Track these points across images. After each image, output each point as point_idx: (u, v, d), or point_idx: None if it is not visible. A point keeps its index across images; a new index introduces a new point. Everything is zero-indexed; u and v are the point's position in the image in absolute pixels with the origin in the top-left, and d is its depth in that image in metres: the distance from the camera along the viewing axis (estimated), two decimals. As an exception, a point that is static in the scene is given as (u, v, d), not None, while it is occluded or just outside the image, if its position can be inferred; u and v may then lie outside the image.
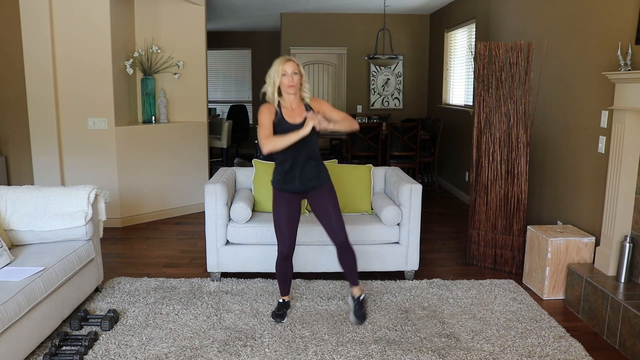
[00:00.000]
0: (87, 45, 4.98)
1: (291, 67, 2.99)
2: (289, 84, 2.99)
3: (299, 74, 3.01)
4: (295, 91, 3.04)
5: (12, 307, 2.50)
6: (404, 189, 3.80)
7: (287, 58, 3.03)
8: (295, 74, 2.99)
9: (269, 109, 3.09)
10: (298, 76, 3.01)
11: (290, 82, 2.99)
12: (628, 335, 2.90)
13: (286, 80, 2.99)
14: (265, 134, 3.02)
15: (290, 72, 2.98)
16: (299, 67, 3.02)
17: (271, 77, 3.03)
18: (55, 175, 5.06)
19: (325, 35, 8.48)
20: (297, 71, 3.00)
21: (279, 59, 3.04)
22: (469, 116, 6.08)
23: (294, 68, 2.99)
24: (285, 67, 2.98)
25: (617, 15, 3.43)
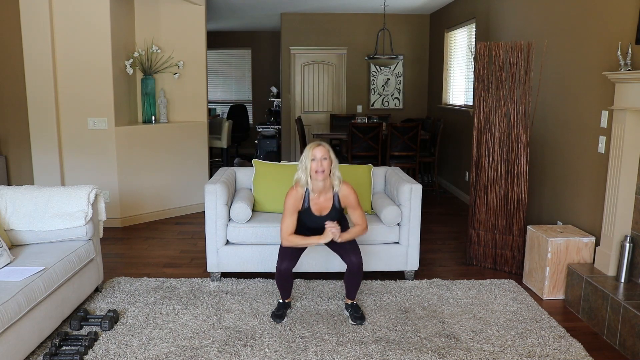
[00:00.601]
0: (87, 45, 4.98)
1: (321, 152, 3.00)
2: (317, 169, 3.00)
3: (328, 159, 3.02)
4: (324, 177, 3.04)
5: (12, 307, 2.50)
6: (404, 189, 3.80)
7: (317, 143, 3.06)
8: (324, 159, 3.00)
9: (296, 196, 3.13)
10: (327, 161, 3.02)
11: (319, 167, 3.00)
12: (628, 335, 2.90)
13: (314, 165, 3.00)
14: (286, 230, 3.13)
15: (319, 157, 3.00)
16: (329, 152, 3.03)
17: (303, 162, 3.05)
18: (55, 175, 5.06)
19: (325, 35, 8.48)
20: (326, 156, 3.01)
21: (309, 144, 3.08)
22: (469, 116, 6.08)
23: (324, 153, 3.01)
24: (314, 151, 3.01)
25: (617, 15, 3.43)
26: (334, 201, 3.16)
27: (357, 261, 3.15)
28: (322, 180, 3.06)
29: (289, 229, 3.14)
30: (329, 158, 3.03)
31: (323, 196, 3.15)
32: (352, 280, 3.23)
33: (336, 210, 3.18)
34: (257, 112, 11.17)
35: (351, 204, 3.18)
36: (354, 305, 3.29)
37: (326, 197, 3.15)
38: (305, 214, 3.16)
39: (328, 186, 3.13)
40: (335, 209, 3.17)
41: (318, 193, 3.13)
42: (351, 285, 3.27)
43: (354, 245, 3.20)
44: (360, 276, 3.22)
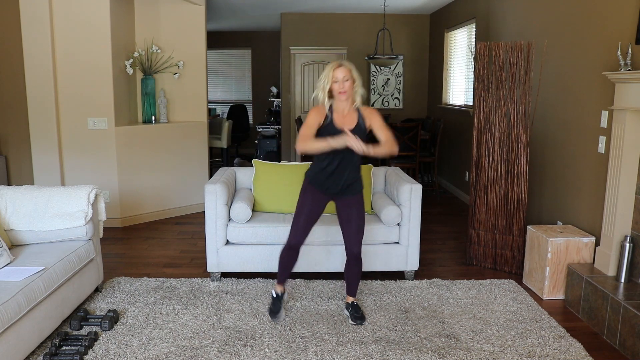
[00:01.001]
0: (87, 45, 4.98)
1: (342, 72, 2.93)
2: (340, 91, 2.93)
3: (350, 79, 2.94)
4: (347, 97, 2.97)
5: (12, 307, 2.50)
6: (404, 189, 3.80)
7: (339, 63, 2.97)
8: (346, 80, 2.93)
9: (319, 111, 3.03)
10: (350, 82, 2.94)
11: (342, 88, 2.93)
12: (628, 335, 2.90)
13: (337, 86, 2.93)
14: (304, 133, 2.98)
15: (341, 78, 2.92)
16: (350, 72, 2.96)
17: (321, 82, 2.98)
18: (55, 175, 5.06)
19: (325, 35, 8.48)
20: (348, 77, 2.93)
21: (330, 64, 2.99)
22: (469, 116, 6.08)
23: (346, 74, 2.93)
24: (336, 73, 2.93)
25: (617, 15, 3.43)
26: (358, 120, 3.02)
27: (357, 251, 3.13)
28: (345, 100, 2.98)
29: (308, 133, 2.96)
30: (350, 78, 2.95)
31: (346, 116, 3.03)
32: (352, 272, 3.21)
33: (361, 129, 3.01)
34: (257, 112, 11.17)
35: (375, 122, 3.03)
36: (354, 305, 3.29)
37: (350, 117, 3.03)
38: (328, 129, 2.98)
39: (350, 104, 3.03)
40: (359, 127, 3.01)
41: (341, 113, 3.03)
42: (351, 279, 3.24)
43: (359, 235, 3.14)
44: (359, 268, 3.20)
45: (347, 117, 3.03)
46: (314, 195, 3.12)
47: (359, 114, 3.04)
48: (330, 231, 3.73)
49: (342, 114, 3.03)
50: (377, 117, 3.06)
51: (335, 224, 3.66)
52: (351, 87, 2.96)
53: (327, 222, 3.77)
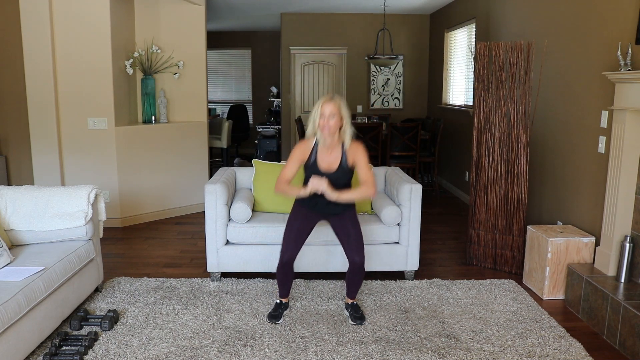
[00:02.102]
0: (87, 45, 4.98)
1: (329, 108, 2.93)
2: (323, 126, 2.94)
3: (337, 115, 2.94)
4: (330, 133, 2.97)
5: (12, 307, 2.50)
6: (404, 189, 3.80)
7: (329, 97, 2.98)
8: (333, 116, 2.93)
9: (304, 147, 3.08)
10: (336, 119, 2.94)
11: (325, 124, 2.93)
12: (628, 335, 2.90)
13: (321, 121, 2.94)
14: (282, 176, 3.06)
15: (327, 113, 2.93)
16: (339, 109, 2.96)
17: (312, 114, 3.00)
18: (55, 175, 5.06)
19: (325, 35, 8.48)
20: (335, 113, 2.93)
21: (323, 97, 3.00)
22: (469, 116, 6.08)
23: (332, 110, 2.93)
24: (323, 107, 2.94)
25: (617, 15, 3.43)
26: (341, 159, 3.03)
27: (359, 261, 3.12)
28: (329, 136, 2.97)
29: (286, 176, 3.05)
30: (338, 115, 2.94)
31: (331, 153, 3.04)
32: (353, 279, 3.23)
33: (343, 169, 3.04)
34: (257, 112, 11.17)
35: (359, 161, 3.03)
36: (354, 305, 3.29)
37: (334, 154, 3.04)
38: (312, 168, 3.05)
39: (337, 142, 3.02)
40: (342, 167, 3.04)
41: (326, 148, 3.03)
42: (352, 285, 3.26)
43: (359, 244, 3.14)
44: (361, 276, 3.21)
45: (332, 155, 3.05)
46: (305, 212, 3.17)
47: (343, 152, 3.04)
48: (330, 231, 3.72)
49: (328, 152, 3.05)
50: (361, 155, 3.05)
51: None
52: (337, 124, 2.96)
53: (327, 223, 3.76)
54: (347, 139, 3.01)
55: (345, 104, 3.01)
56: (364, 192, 3.01)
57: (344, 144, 3.03)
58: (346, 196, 2.99)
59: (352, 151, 3.03)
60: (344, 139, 3.02)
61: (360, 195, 3.03)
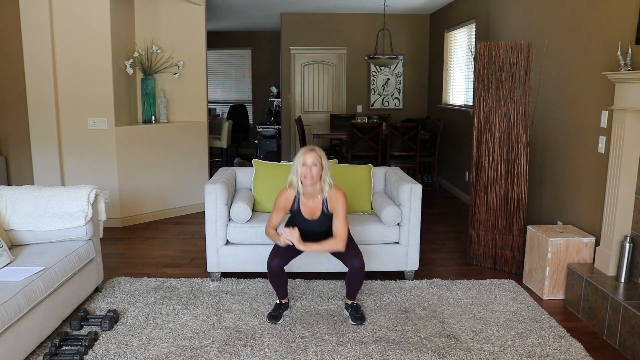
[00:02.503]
0: (87, 45, 4.98)
1: (311, 158, 3.02)
2: (305, 175, 3.03)
3: (319, 166, 3.04)
4: (313, 183, 3.07)
5: (12, 307, 2.50)
6: (404, 189, 3.80)
7: (310, 148, 3.07)
8: (314, 165, 3.02)
9: (286, 197, 3.19)
10: (317, 168, 3.03)
11: (307, 172, 3.02)
12: (628, 335, 2.90)
13: (304, 170, 3.03)
14: (268, 224, 3.22)
15: (310, 162, 3.02)
16: (321, 159, 3.05)
17: (295, 165, 3.09)
18: (55, 175, 5.06)
19: (325, 35, 8.48)
20: (317, 163, 3.03)
21: (303, 148, 3.10)
22: (469, 116, 6.08)
23: (314, 159, 3.02)
24: (305, 157, 3.03)
25: (617, 15, 3.43)
26: (322, 206, 3.17)
27: (359, 265, 3.14)
28: (311, 185, 3.09)
29: (272, 223, 3.22)
30: (319, 165, 3.05)
31: (313, 201, 3.17)
32: (354, 282, 3.23)
33: (325, 215, 3.17)
34: (257, 112, 11.17)
35: (336, 210, 3.12)
36: (354, 306, 3.29)
37: (315, 202, 3.17)
38: (296, 216, 3.20)
39: (318, 191, 3.14)
40: (324, 214, 3.17)
41: (307, 197, 3.16)
42: (352, 287, 3.27)
43: (355, 250, 3.20)
44: (361, 279, 3.22)
45: (313, 204, 3.17)
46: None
47: (324, 200, 3.15)
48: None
49: (310, 200, 3.16)
50: (340, 205, 3.13)
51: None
52: (318, 173, 3.05)
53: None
54: (326, 187, 3.12)
55: (324, 155, 3.12)
56: (332, 246, 3.13)
57: (323, 192, 3.14)
58: (314, 248, 3.14)
59: (332, 199, 3.14)
60: (323, 188, 3.12)
61: (328, 249, 3.16)
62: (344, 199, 3.14)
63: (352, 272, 3.17)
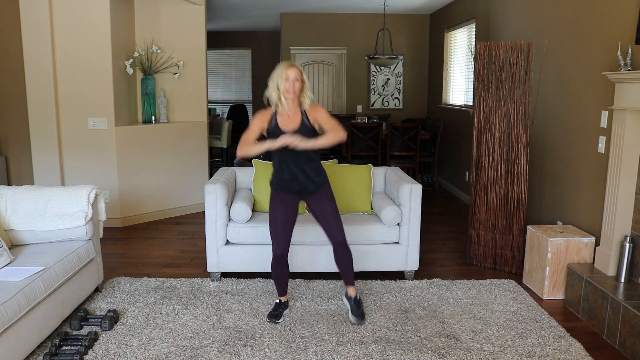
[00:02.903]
0: (87, 45, 4.98)
1: (294, 73, 2.97)
2: (288, 89, 2.98)
3: (300, 80, 3.00)
4: (294, 98, 3.02)
5: (12, 307, 2.50)
6: (404, 189, 3.80)
7: (290, 63, 3.02)
8: (297, 80, 2.98)
9: (263, 115, 3.10)
10: (299, 83, 2.99)
11: (290, 87, 2.97)
12: (628, 335, 2.90)
13: (287, 85, 2.98)
14: (244, 138, 3.07)
15: (292, 77, 2.97)
16: (301, 74, 3.02)
17: (274, 81, 3.01)
18: (55, 175, 5.06)
19: (325, 35, 8.48)
20: (299, 78, 2.99)
21: (281, 63, 3.04)
22: (469, 116, 6.08)
23: (296, 74, 2.98)
24: (288, 72, 2.97)
25: (617, 15, 3.43)
26: (302, 118, 3.05)
27: (341, 238, 3.14)
28: (292, 100, 3.02)
29: (249, 138, 3.05)
30: (300, 80, 3.00)
31: (291, 116, 3.06)
32: (342, 260, 3.21)
33: (306, 127, 3.04)
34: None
35: (320, 116, 3.05)
36: (356, 300, 3.26)
37: (294, 117, 3.06)
38: (274, 132, 3.04)
39: (297, 106, 3.06)
40: (304, 125, 3.04)
41: (286, 114, 3.06)
42: (344, 268, 3.24)
43: (337, 220, 3.16)
44: (349, 255, 3.20)
45: (292, 118, 3.07)
46: (282, 199, 3.15)
47: (303, 112, 3.07)
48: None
49: (287, 116, 3.06)
50: (321, 111, 3.09)
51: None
52: (300, 87, 3.01)
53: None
54: (306, 101, 3.06)
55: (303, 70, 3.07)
56: (334, 136, 2.99)
57: (302, 106, 3.07)
58: (320, 142, 2.97)
59: (312, 111, 3.07)
60: (303, 102, 3.06)
61: (332, 140, 3.00)
62: (322, 107, 3.12)
63: (336, 247, 3.18)
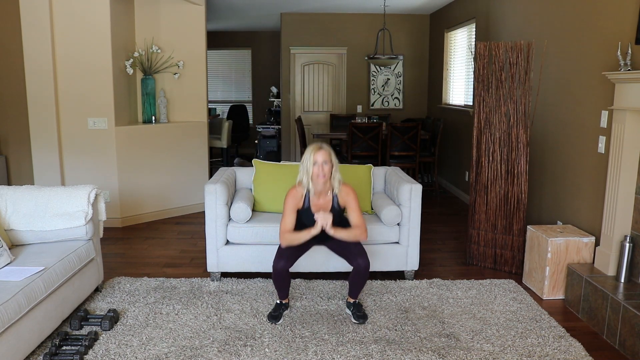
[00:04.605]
0: (87, 45, 4.98)
1: (322, 156, 3.05)
2: (317, 174, 3.06)
3: (329, 163, 3.06)
4: (325, 181, 3.10)
5: (12, 307, 2.50)
6: (404, 189, 3.80)
7: (319, 146, 3.09)
8: (325, 163, 3.04)
9: (295, 197, 3.18)
10: (329, 165, 3.06)
11: (319, 171, 3.05)
12: (628, 335, 2.90)
13: (316, 169, 3.05)
14: (285, 228, 3.16)
15: (321, 161, 3.04)
16: (330, 155, 3.08)
17: (304, 165, 3.09)
18: (55, 175, 5.06)
19: (325, 35, 8.48)
20: (327, 160, 3.05)
21: (310, 146, 3.11)
22: (469, 116, 6.08)
23: (325, 157, 3.05)
24: (316, 156, 3.04)
25: (617, 15, 3.43)
26: (333, 202, 3.20)
27: (365, 264, 3.15)
28: (323, 184, 3.12)
29: (288, 226, 3.16)
30: (330, 162, 3.07)
31: (323, 197, 3.19)
32: (358, 281, 3.24)
33: (335, 210, 3.21)
34: (257, 112, 11.17)
35: (350, 204, 3.20)
36: (356, 304, 3.30)
37: (326, 199, 3.20)
38: (306, 213, 3.19)
39: (328, 188, 3.17)
40: (334, 209, 3.20)
41: (318, 194, 3.18)
42: (356, 286, 3.28)
43: (360, 248, 3.20)
44: (366, 278, 3.23)
45: (323, 200, 3.18)
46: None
47: (334, 195, 3.18)
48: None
49: (319, 197, 3.17)
50: (352, 199, 3.19)
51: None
52: (329, 171, 3.08)
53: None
54: (336, 184, 3.16)
55: (332, 151, 3.14)
56: (357, 234, 3.17)
57: (333, 189, 3.17)
58: (341, 234, 3.13)
59: (343, 195, 3.19)
60: (333, 185, 3.16)
61: (354, 237, 3.17)
62: (355, 193, 3.20)
63: (357, 270, 3.18)
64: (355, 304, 3.30)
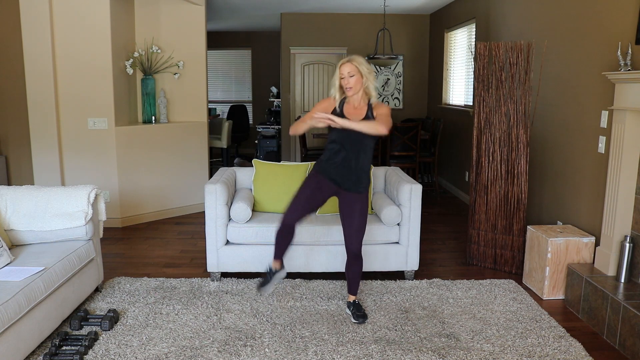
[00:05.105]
0: (87, 45, 4.98)
1: (347, 68, 3.01)
2: (345, 86, 3.03)
3: (357, 74, 3.00)
4: (354, 92, 3.04)
5: (12, 307, 2.50)
6: (404, 189, 3.80)
7: (347, 59, 3.04)
8: (352, 76, 3.00)
9: (327, 102, 3.14)
10: (356, 77, 3.00)
11: (346, 84, 3.02)
12: (628, 335, 2.90)
13: (343, 82, 3.03)
14: (301, 119, 3.10)
15: (346, 73, 3.01)
16: (357, 67, 3.01)
17: (333, 78, 3.09)
18: (55, 175, 5.06)
19: (325, 35, 8.48)
20: (354, 72, 3.00)
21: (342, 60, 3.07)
22: (469, 116, 6.08)
23: (351, 69, 3.00)
24: (342, 69, 3.02)
25: (617, 15, 3.43)
26: (367, 111, 3.07)
27: (356, 249, 3.17)
28: (354, 95, 3.05)
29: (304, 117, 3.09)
30: (357, 73, 3.00)
31: (357, 107, 3.10)
32: (352, 270, 3.25)
33: (369, 119, 3.05)
34: (257, 112, 11.17)
35: (380, 111, 3.06)
36: (355, 304, 3.30)
37: (360, 108, 3.09)
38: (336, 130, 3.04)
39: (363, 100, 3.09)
40: (367, 117, 3.06)
41: (352, 104, 3.10)
42: (351, 277, 3.27)
43: (359, 234, 3.18)
44: (359, 267, 3.23)
45: (358, 109, 3.10)
46: (320, 181, 3.14)
47: (369, 106, 3.10)
48: (330, 231, 3.74)
49: (353, 107, 3.11)
50: (383, 108, 3.11)
51: (336, 224, 3.67)
52: (358, 82, 3.01)
53: (327, 222, 3.77)
54: (374, 94, 3.09)
55: (365, 62, 3.05)
56: (373, 126, 2.95)
57: (369, 100, 3.10)
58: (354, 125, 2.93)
59: (376, 105, 3.10)
60: (370, 95, 3.09)
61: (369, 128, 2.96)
62: (388, 108, 3.11)
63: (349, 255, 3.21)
64: (355, 303, 3.30)
